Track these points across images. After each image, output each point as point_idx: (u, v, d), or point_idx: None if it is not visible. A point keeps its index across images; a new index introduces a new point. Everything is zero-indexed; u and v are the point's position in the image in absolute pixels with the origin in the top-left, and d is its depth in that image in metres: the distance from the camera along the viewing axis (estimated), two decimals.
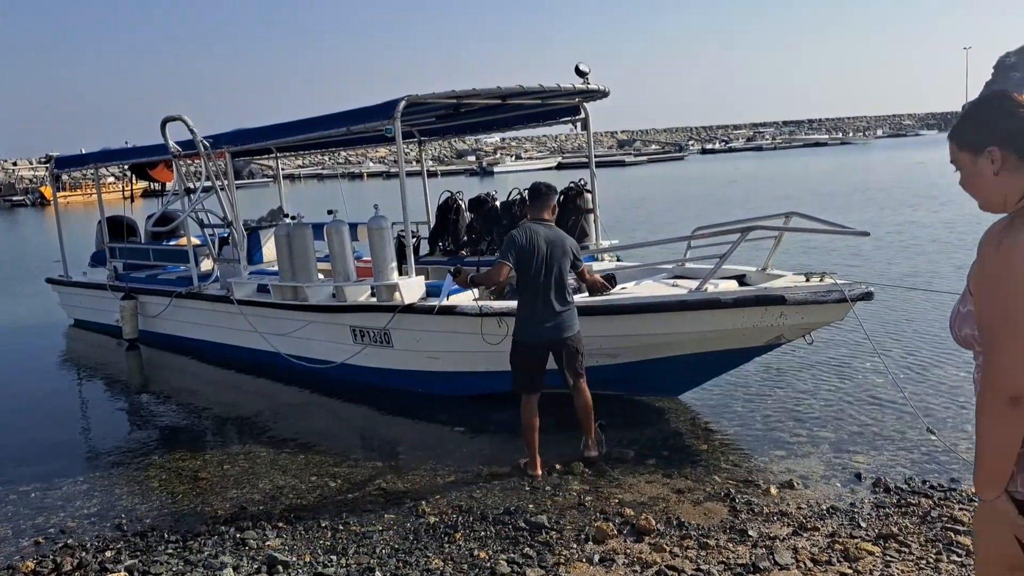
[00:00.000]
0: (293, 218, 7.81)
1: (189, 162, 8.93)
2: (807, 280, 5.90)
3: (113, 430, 7.18)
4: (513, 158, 77.32)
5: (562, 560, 4.05)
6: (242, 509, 5.01)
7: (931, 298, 10.08)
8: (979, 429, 1.83)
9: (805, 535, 4.19)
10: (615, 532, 4.31)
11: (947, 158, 1.95)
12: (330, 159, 77.30)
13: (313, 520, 4.75)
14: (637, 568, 3.93)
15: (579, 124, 8.49)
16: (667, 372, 6.33)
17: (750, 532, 4.24)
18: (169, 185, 11.11)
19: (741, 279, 6.55)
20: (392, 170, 64.71)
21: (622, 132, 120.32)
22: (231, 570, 4.10)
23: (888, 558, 3.88)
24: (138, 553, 4.45)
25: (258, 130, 8.21)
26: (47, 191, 52.17)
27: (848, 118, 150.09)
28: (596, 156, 8.90)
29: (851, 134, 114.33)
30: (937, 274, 11.89)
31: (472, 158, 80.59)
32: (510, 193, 8.90)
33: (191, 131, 8.17)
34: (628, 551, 4.11)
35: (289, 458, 6.00)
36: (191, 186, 8.54)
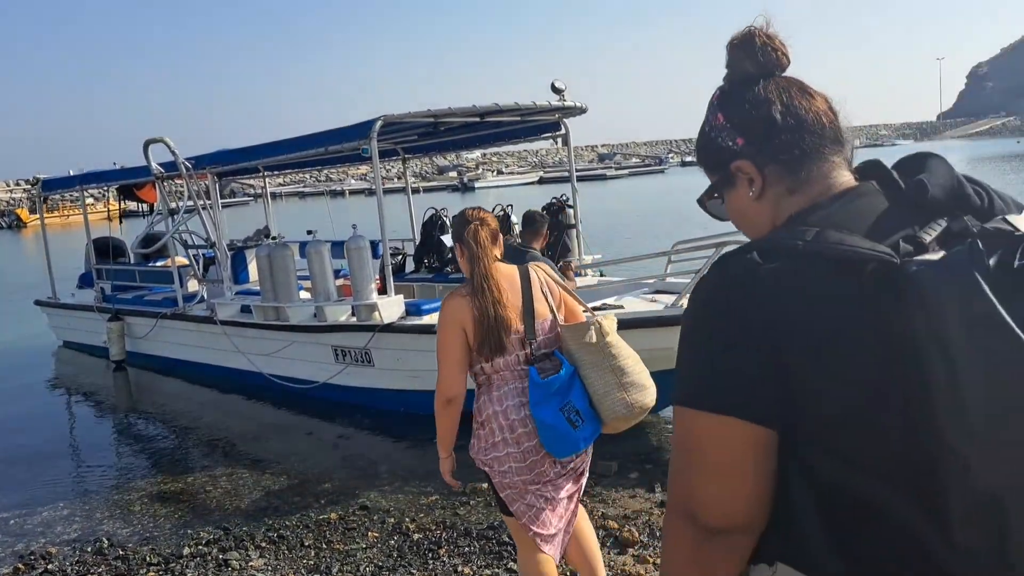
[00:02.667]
0: (274, 238, 7.82)
1: (174, 183, 8.94)
2: None
3: (97, 453, 7.12)
4: (495, 173, 77.72)
5: None
6: (225, 531, 4.98)
7: None
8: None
9: None
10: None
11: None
12: (311, 177, 77.29)
13: (296, 540, 4.74)
14: None
15: (560, 140, 8.56)
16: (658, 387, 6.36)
17: None
18: (155, 207, 11.10)
19: None
20: (374, 187, 64.60)
21: (602, 146, 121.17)
22: None
23: None
24: None
25: (239, 151, 8.24)
26: (24, 213, 51.82)
27: None
28: (577, 170, 8.99)
29: None
30: None
31: (454, 174, 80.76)
32: (493, 209, 8.95)
33: (172, 152, 8.19)
34: (611, 563, 4.13)
35: (272, 479, 5.98)
36: (174, 206, 8.53)
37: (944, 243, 1.03)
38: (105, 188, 13.10)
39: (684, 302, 5.93)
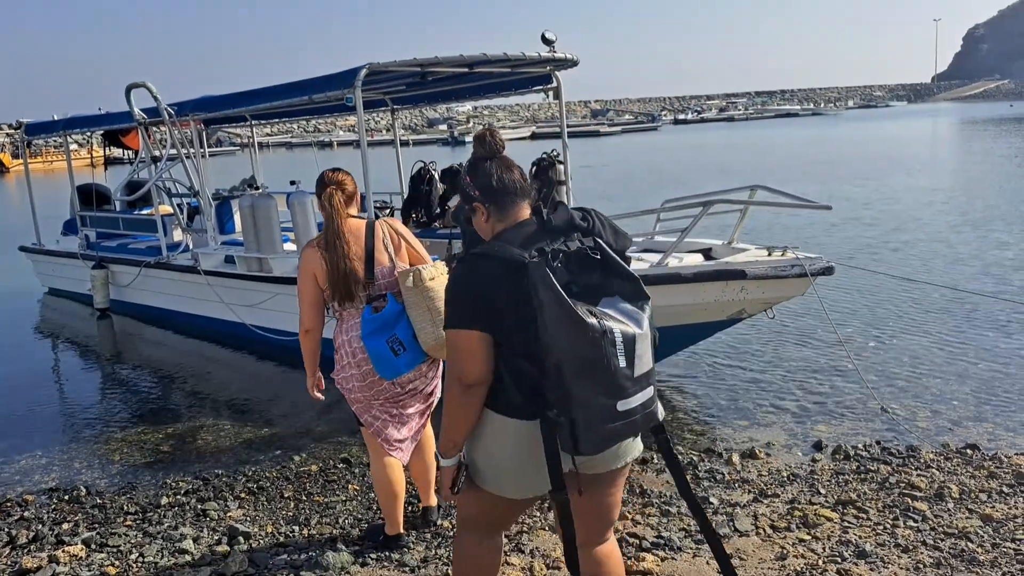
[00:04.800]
0: (257, 188, 7.69)
1: (157, 130, 8.74)
2: (769, 254, 5.91)
3: (78, 402, 7.06)
4: (486, 127, 76.83)
5: (524, 528, 4.06)
6: (204, 481, 4.96)
7: (900, 265, 10.23)
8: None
9: (765, 502, 4.24)
10: None
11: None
12: (299, 128, 76.30)
13: (276, 491, 4.72)
14: None
15: (551, 93, 8.38)
16: None
17: (711, 499, 4.27)
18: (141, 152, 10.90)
19: (707, 252, 6.55)
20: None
21: (595, 102, 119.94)
22: (191, 541, 4.06)
23: (846, 524, 3.94)
24: (96, 525, 4.39)
25: (223, 97, 8.03)
26: (6, 158, 50.98)
27: (820, 89, 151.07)
28: (570, 126, 8.83)
29: (822, 105, 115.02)
30: (911, 243, 12.05)
31: (444, 127, 79.88)
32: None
33: (155, 98, 7.99)
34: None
35: (253, 431, 5.96)
36: (157, 154, 8.36)
37: (560, 251, 2.21)
38: (89, 134, 12.85)
39: (670, 261, 5.89)
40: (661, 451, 2.54)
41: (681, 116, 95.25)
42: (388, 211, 9.57)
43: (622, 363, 2.12)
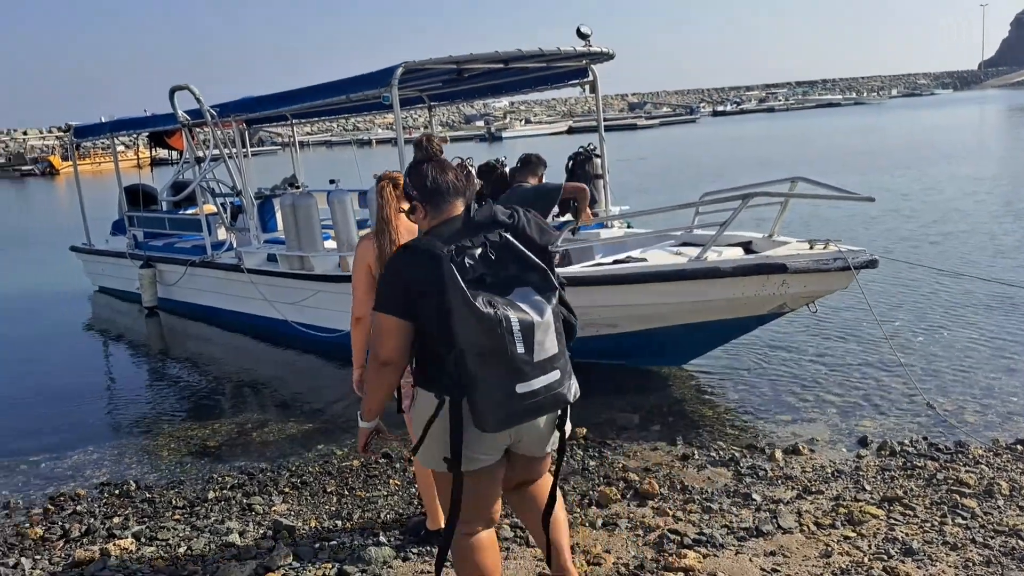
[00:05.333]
0: (297, 187, 7.79)
1: (200, 131, 8.92)
2: (811, 247, 5.80)
3: (127, 398, 7.24)
4: (522, 123, 76.83)
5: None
6: (249, 476, 5.05)
7: (941, 258, 10.01)
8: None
9: (809, 499, 4.19)
10: (618, 496, 4.32)
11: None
12: (338, 126, 77.08)
13: (319, 486, 4.79)
14: (640, 532, 3.94)
15: (587, 87, 8.35)
16: (668, 342, 6.30)
17: (754, 496, 4.23)
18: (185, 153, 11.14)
19: (747, 246, 6.48)
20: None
21: (632, 95, 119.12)
22: (237, 535, 4.14)
23: (893, 521, 3.88)
24: (145, 519, 4.50)
25: (264, 98, 8.17)
26: (56, 160, 52.34)
27: (862, 78, 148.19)
28: (607, 120, 8.79)
29: (865, 94, 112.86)
30: (951, 235, 11.78)
31: (481, 123, 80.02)
32: (520, 159, 8.81)
33: (197, 100, 8.15)
34: (631, 515, 4.12)
35: (296, 426, 6.04)
36: (201, 155, 8.52)
37: (479, 244, 2.44)
38: (134, 136, 13.10)
39: (709, 255, 5.82)
40: (558, 429, 2.68)
41: (720, 108, 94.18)
42: None
43: (520, 349, 2.34)
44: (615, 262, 6.39)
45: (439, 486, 2.73)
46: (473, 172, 9.38)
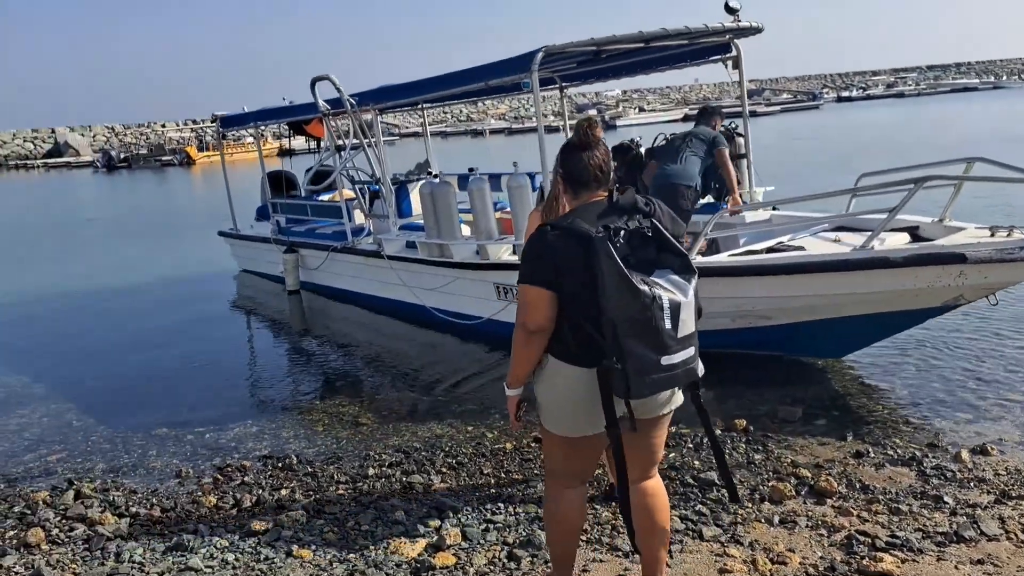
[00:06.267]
0: (436, 176, 7.84)
1: (338, 119, 9.12)
2: (992, 235, 5.32)
3: (279, 375, 7.47)
4: (636, 110, 75.66)
5: (739, 520, 3.88)
6: (405, 455, 5.09)
7: None
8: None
9: (1011, 504, 3.85)
10: (792, 493, 4.10)
11: None
12: (452, 117, 78.12)
13: (475, 468, 4.77)
14: (823, 532, 3.71)
15: (730, 63, 8.00)
16: (828, 335, 5.94)
17: (946, 499, 3.93)
18: (322, 142, 11.46)
19: (914, 232, 6.04)
20: (513, 127, 64.72)
21: (750, 81, 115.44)
22: (402, 512, 4.16)
23: None
24: (311, 492, 4.60)
25: (401, 87, 8.27)
26: (192, 151, 55.28)
27: (1000, 60, 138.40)
28: (725, 107, 8.43)
29: (1005, 77, 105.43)
30: None
31: (593, 112, 79.28)
32: (655, 139, 8.58)
33: (337, 89, 8.33)
34: (810, 513, 3.89)
35: (444, 407, 6.08)
36: (341, 143, 8.70)
37: (622, 228, 2.59)
38: (276, 125, 13.51)
39: (875, 244, 5.44)
40: (694, 404, 2.83)
41: (845, 94, 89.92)
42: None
43: (667, 325, 2.51)
44: (768, 250, 6.09)
45: (550, 448, 2.91)
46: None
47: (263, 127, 11.38)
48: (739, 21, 6.81)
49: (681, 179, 6.83)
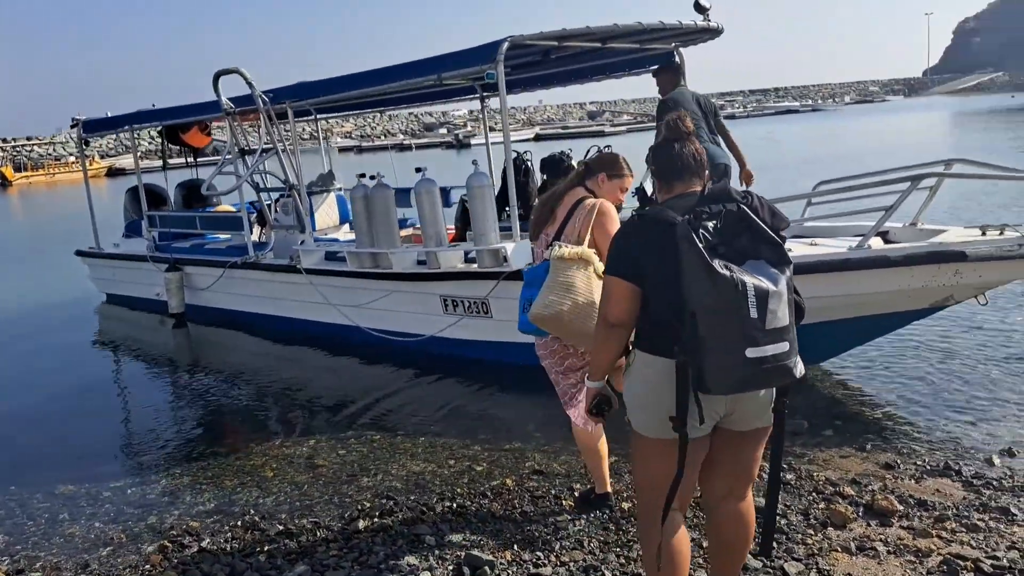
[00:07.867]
0: (372, 178, 7.08)
1: (232, 122, 8.09)
2: (983, 234, 5.31)
3: (189, 415, 6.46)
4: (489, 129, 76.04)
5: (815, 551, 3.49)
6: (392, 500, 4.36)
7: None
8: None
9: None
10: (853, 515, 3.76)
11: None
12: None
13: (483, 511, 4.13)
14: (911, 557, 3.39)
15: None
16: (811, 339, 5.75)
17: (1012, 509, 3.72)
18: (210, 148, 10.30)
19: (884, 236, 5.99)
20: (363, 144, 63.15)
21: (591, 104, 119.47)
22: (428, 573, 3.47)
23: None
24: (296, 557, 3.79)
25: (327, 82, 7.40)
26: (8, 171, 50.16)
27: (814, 85, 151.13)
28: (568, 128, 8.20)
29: (819, 101, 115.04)
30: None
31: (443, 131, 79.07)
32: (588, 152, 8.23)
33: (249, 84, 7.40)
34: (883, 537, 3.57)
35: (408, 441, 5.35)
36: (246, 147, 7.75)
37: (712, 214, 2.46)
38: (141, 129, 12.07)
39: (871, 243, 5.34)
40: (774, 416, 2.60)
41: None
42: None
43: (753, 314, 2.32)
44: None
45: (643, 461, 2.67)
46: (533, 166, 8.80)
47: (137, 132, 10.02)
48: (708, 20, 6.59)
49: None
